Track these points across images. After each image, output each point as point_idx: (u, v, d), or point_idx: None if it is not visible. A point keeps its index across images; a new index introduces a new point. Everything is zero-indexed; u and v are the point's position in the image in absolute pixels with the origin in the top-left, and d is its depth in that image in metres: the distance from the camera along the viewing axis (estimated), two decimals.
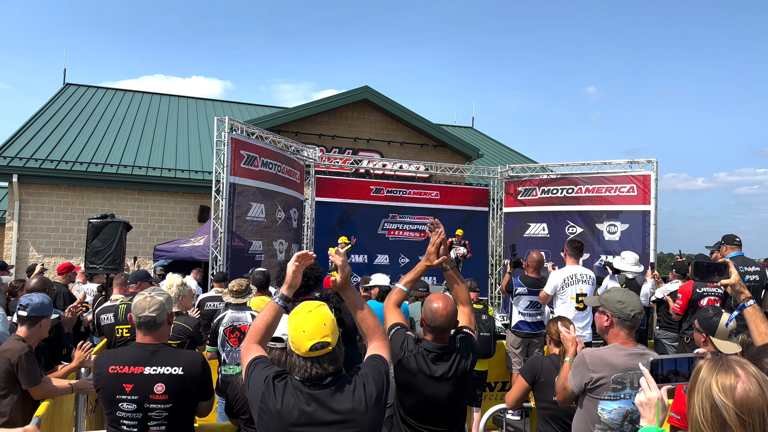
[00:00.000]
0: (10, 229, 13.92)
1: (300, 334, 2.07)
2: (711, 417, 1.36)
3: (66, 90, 20.36)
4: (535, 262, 6.66)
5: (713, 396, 1.36)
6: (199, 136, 18.23)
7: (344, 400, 2.08)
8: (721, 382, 1.37)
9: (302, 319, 2.11)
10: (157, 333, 2.86)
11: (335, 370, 2.12)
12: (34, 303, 3.64)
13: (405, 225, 12.87)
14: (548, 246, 11.66)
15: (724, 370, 1.38)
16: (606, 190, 11.22)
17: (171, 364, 2.77)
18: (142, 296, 2.91)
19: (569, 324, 3.71)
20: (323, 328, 2.08)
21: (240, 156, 9.28)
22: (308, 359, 2.08)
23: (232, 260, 9.01)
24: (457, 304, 3.05)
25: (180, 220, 15.33)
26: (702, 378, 1.41)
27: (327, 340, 2.07)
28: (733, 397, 1.34)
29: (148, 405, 2.70)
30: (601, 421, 2.79)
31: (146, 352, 2.79)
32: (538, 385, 3.59)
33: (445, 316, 2.81)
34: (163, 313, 2.88)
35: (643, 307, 2.93)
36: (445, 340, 2.87)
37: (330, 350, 2.09)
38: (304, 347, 2.06)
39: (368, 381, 2.15)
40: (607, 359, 2.81)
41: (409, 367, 2.80)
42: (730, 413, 1.33)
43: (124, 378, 2.70)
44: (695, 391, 1.42)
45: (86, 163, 14.64)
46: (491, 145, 24.51)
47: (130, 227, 7.83)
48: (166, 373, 2.74)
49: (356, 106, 16.86)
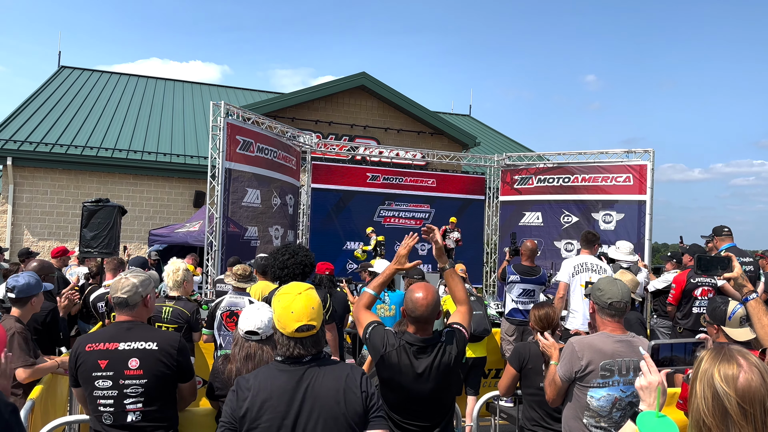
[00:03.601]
0: (5, 212, 13.87)
1: (288, 315, 2.13)
2: (713, 406, 1.37)
3: (61, 73, 20.19)
4: (529, 251, 6.67)
5: (715, 385, 1.37)
6: (194, 121, 18.14)
7: (326, 380, 2.13)
8: (724, 372, 1.38)
9: (291, 300, 2.16)
10: (133, 312, 2.88)
11: (317, 351, 2.18)
12: (20, 284, 3.66)
13: (401, 212, 12.87)
14: (542, 235, 11.69)
15: (727, 359, 1.39)
16: (602, 180, 11.23)
17: (145, 339, 2.79)
18: (118, 278, 2.96)
19: (555, 324, 3.66)
20: (311, 311, 2.14)
21: (236, 141, 9.23)
22: (292, 339, 2.13)
23: (227, 246, 9.00)
24: (455, 303, 2.98)
25: (175, 205, 15.30)
26: (704, 368, 1.42)
27: (313, 323, 2.14)
28: (735, 386, 1.35)
29: (123, 381, 2.70)
30: (590, 408, 2.80)
31: (122, 329, 2.82)
32: (525, 371, 3.58)
33: (425, 306, 2.69)
34: (136, 294, 2.88)
35: (629, 296, 2.93)
36: (428, 332, 2.75)
37: (314, 333, 2.16)
38: (290, 327, 2.11)
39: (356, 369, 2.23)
40: (596, 345, 2.82)
41: (390, 362, 2.69)
42: (731, 402, 1.34)
43: (99, 354, 2.71)
44: (697, 381, 1.42)
45: (81, 147, 14.56)
46: (488, 133, 24.48)
47: (124, 211, 7.80)
48: (140, 348, 2.75)
49: (353, 92, 16.79)
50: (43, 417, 3.48)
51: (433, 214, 12.84)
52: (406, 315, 2.79)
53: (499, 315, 7.48)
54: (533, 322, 3.65)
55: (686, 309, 6.38)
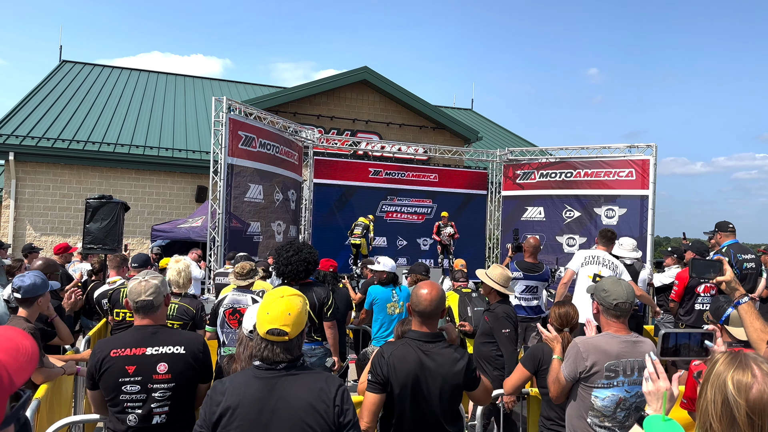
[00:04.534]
0: (7, 207, 13.89)
1: (263, 315, 2.13)
2: (721, 411, 1.35)
3: (62, 67, 20.16)
4: (532, 247, 6.67)
5: (727, 392, 1.35)
6: (196, 116, 18.11)
7: (296, 387, 2.10)
8: (737, 379, 1.35)
9: (272, 301, 2.16)
10: (155, 315, 2.90)
11: (290, 359, 2.12)
12: (26, 285, 3.65)
13: (403, 207, 12.86)
14: (544, 230, 11.68)
15: (742, 367, 1.37)
16: (605, 175, 11.21)
17: (172, 344, 2.81)
18: (137, 281, 2.93)
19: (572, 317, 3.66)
20: (286, 318, 2.11)
21: (238, 136, 9.23)
22: (264, 340, 2.13)
23: (230, 241, 9.01)
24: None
25: (177, 200, 15.30)
26: (718, 372, 1.40)
27: (285, 329, 2.10)
28: (747, 396, 1.33)
29: (151, 385, 2.74)
30: (594, 408, 2.81)
31: (146, 333, 2.82)
32: (541, 372, 3.58)
33: (430, 300, 2.75)
34: (159, 296, 2.91)
35: (633, 297, 2.93)
36: (433, 327, 2.80)
37: (286, 340, 2.10)
38: (262, 328, 2.11)
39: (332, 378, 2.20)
40: (601, 346, 2.82)
41: (397, 355, 2.71)
42: (740, 411, 1.32)
43: (126, 360, 2.72)
44: (709, 383, 1.40)
45: (83, 142, 14.56)
46: (490, 128, 24.42)
47: (127, 208, 7.81)
48: (168, 353, 2.78)
49: (355, 86, 16.74)
50: (48, 416, 3.50)
51: (436, 209, 12.83)
52: (410, 310, 2.83)
53: None
54: (552, 318, 3.65)
55: (689, 305, 6.38)
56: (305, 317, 2.18)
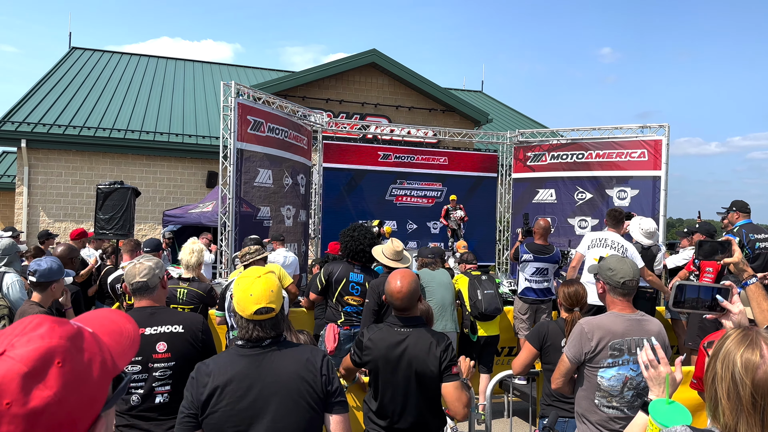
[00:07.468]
0: (20, 194, 14.03)
1: (247, 297, 2.16)
2: (728, 389, 1.35)
3: (72, 54, 20.21)
4: (542, 229, 6.64)
5: (734, 370, 1.35)
6: (206, 101, 18.12)
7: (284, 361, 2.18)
8: (746, 358, 1.35)
9: (251, 283, 2.19)
10: (153, 296, 2.95)
11: (276, 334, 2.21)
12: (42, 269, 3.69)
13: (413, 191, 12.83)
14: (556, 212, 11.61)
15: (752, 347, 1.36)
16: (617, 156, 11.09)
17: (171, 323, 2.86)
18: (132, 264, 3.01)
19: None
20: (270, 294, 2.17)
21: (247, 121, 9.22)
22: (251, 321, 2.17)
23: (240, 226, 9.05)
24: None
25: (188, 186, 15.37)
26: (728, 348, 1.39)
27: (272, 306, 2.17)
28: (753, 376, 1.32)
29: (152, 365, 2.79)
30: (601, 388, 2.80)
31: (145, 314, 2.87)
32: (545, 348, 3.60)
33: (401, 297, 2.89)
34: (154, 277, 2.95)
35: (639, 274, 2.92)
36: (411, 314, 2.95)
37: (273, 315, 2.18)
38: (249, 310, 2.15)
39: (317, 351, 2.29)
40: (606, 325, 2.81)
41: (375, 338, 2.90)
42: (745, 390, 1.32)
43: None
44: (718, 359, 1.40)
45: (94, 128, 14.63)
46: (501, 110, 24.22)
47: (138, 193, 7.86)
48: (166, 332, 2.83)
49: (364, 69, 16.65)
50: None
51: (446, 192, 12.79)
52: (386, 300, 3.00)
53: (512, 293, 7.47)
54: (561, 298, 3.65)
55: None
56: (281, 291, 2.26)
